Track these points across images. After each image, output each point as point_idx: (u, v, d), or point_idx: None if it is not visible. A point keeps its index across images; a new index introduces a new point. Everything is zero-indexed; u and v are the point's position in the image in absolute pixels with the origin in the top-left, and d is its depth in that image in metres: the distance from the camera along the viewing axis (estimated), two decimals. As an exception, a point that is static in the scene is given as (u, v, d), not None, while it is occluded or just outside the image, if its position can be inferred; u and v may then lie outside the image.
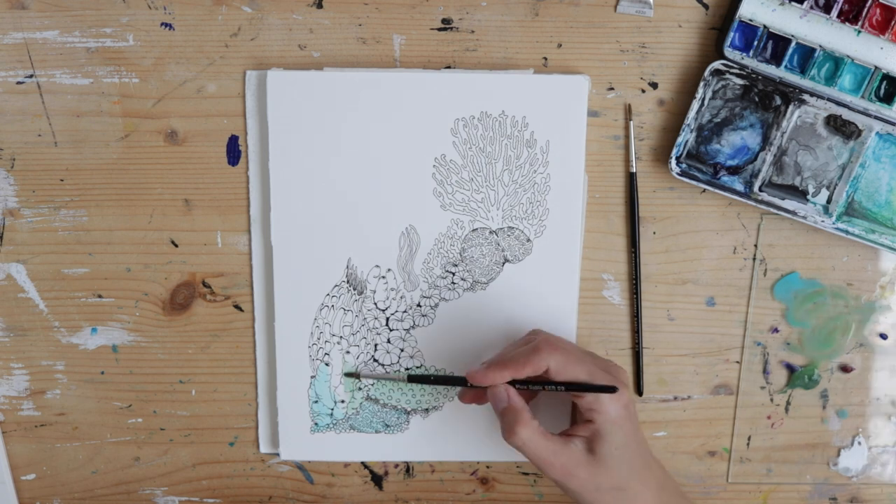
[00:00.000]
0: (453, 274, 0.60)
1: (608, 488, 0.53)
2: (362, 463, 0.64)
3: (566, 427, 0.59)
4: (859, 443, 0.63)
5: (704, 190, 0.60)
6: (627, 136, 0.60)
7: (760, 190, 0.59)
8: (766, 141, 0.58)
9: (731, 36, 0.57)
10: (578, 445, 0.54)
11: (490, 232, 0.60)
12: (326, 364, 0.61)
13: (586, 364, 0.54)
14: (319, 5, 0.58)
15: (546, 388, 0.54)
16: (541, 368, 0.53)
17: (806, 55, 0.57)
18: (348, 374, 0.61)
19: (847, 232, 0.59)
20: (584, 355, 0.56)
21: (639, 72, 0.59)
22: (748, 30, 0.57)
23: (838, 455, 0.63)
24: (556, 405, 0.61)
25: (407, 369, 0.61)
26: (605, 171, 0.60)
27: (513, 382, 0.54)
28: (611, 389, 0.53)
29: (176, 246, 0.61)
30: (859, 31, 0.56)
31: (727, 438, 0.63)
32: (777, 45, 0.57)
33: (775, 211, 0.59)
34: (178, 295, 0.61)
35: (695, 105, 0.58)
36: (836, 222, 0.59)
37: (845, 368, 0.62)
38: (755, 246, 0.61)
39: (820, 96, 0.57)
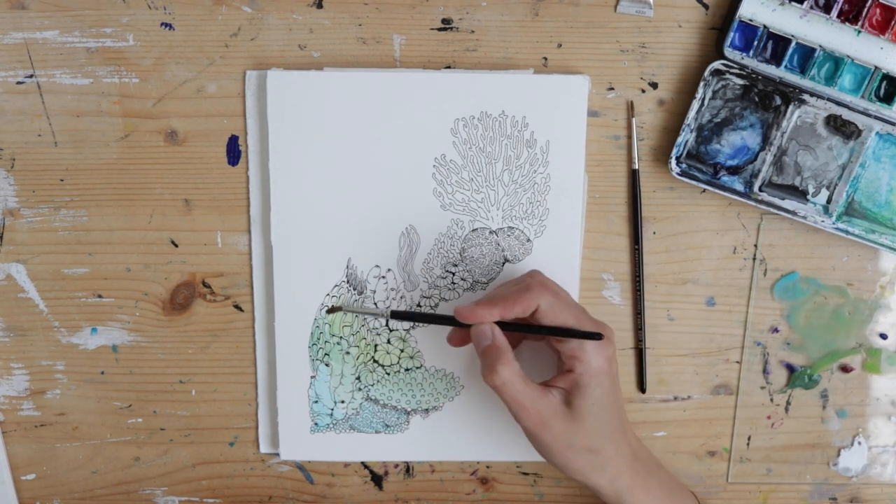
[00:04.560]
0: (453, 274, 0.60)
1: (581, 448, 0.52)
2: (362, 463, 0.64)
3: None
4: (859, 443, 0.63)
5: (704, 190, 0.60)
6: (630, 136, 0.60)
7: (760, 190, 0.59)
8: (766, 141, 0.58)
9: (731, 36, 0.57)
10: (556, 396, 0.52)
11: (490, 232, 0.60)
12: (326, 364, 0.61)
13: (575, 311, 0.53)
14: (319, 5, 0.58)
15: (531, 334, 0.52)
16: (530, 308, 0.52)
17: (806, 55, 0.57)
18: (330, 310, 0.57)
19: (847, 232, 0.59)
20: (575, 304, 0.54)
21: (639, 72, 0.59)
22: (748, 30, 0.57)
23: (838, 455, 0.63)
24: (540, 361, 0.59)
25: (388, 307, 0.60)
26: (606, 171, 0.60)
27: (499, 325, 0.53)
28: (597, 336, 0.52)
29: (176, 246, 0.61)
30: (859, 31, 0.56)
31: (727, 438, 0.63)
32: (777, 45, 0.57)
33: (775, 211, 0.59)
34: (178, 295, 0.61)
35: (695, 105, 0.58)
36: (836, 222, 0.59)
37: (845, 368, 0.62)
38: (755, 246, 0.61)
39: (820, 96, 0.57)
